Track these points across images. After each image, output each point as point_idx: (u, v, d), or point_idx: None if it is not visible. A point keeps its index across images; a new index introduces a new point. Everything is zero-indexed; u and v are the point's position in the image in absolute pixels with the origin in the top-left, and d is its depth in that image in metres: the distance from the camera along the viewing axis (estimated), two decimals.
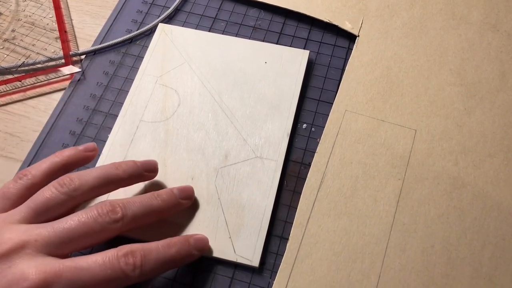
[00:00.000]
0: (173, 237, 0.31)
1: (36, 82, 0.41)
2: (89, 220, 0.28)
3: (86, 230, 0.28)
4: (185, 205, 0.33)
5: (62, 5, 0.45)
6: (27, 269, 0.25)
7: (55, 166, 0.31)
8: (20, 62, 0.42)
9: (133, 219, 0.29)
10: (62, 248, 0.27)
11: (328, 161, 0.36)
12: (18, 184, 0.30)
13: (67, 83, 0.41)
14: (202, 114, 0.38)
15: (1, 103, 0.40)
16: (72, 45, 0.43)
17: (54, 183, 0.29)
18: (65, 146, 0.38)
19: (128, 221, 0.29)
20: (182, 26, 0.43)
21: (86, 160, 0.33)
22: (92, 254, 0.27)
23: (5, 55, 0.42)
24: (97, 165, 0.36)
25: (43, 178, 0.31)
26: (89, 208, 0.29)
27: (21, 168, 0.37)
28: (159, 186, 0.35)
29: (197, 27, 0.44)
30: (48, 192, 0.29)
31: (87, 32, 0.44)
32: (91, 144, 0.34)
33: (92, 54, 0.42)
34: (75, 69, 0.41)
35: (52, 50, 0.42)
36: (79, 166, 0.33)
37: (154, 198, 0.31)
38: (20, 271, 0.25)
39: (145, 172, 0.33)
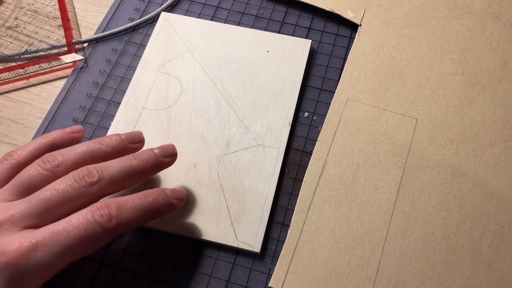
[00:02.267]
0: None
1: (39, 69, 0.41)
2: (65, 187, 0.28)
3: (63, 197, 0.27)
4: (168, 164, 0.32)
5: None
6: (3, 244, 0.26)
7: (41, 146, 0.31)
8: (23, 50, 0.42)
9: (112, 181, 0.29)
10: (40, 219, 0.27)
11: (329, 149, 0.36)
12: (4, 165, 0.30)
13: (69, 70, 0.41)
14: (205, 102, 0.38)
15: (4, 90, 0.40)
16: (74, 33, 0.43)
17: (37, 161, 0.29)
18: None
19: (106, 183, 0.29)
20: (185, 15, 0.43)
21: (73, 142, 0.33)
22: (67, 217, 0.27)
23: (8, 43, 0.42)
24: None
25: (29, 158, 0.30)
26: (67, 175, 0.28)
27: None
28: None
29: (200, 15, 0.44)
30: (32, 169, 0.29)
31: (89, 20, 0.44)
32: (77, 127, 0.34)
33: (94, 42, 0.42)
34: (77, 57, 0.41)
35: (55, 38, 0.43)
36: (65, 147, 0.32)
37: (133, 159, 0.30)
38: None
39: (130, 143, 0.32)
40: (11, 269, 0.25)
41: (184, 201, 0.32)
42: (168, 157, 0.32)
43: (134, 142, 0.33)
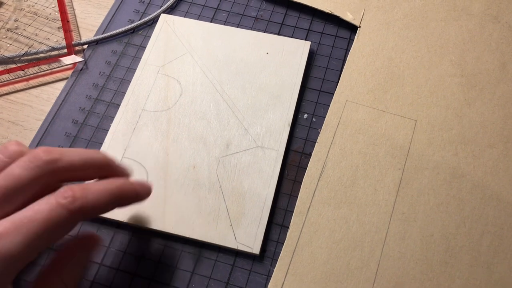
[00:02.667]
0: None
1: (38, 71, 0.41)
2: (18, 170, 0.25)
3: (16, 181, 0.25)
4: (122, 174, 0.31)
5: None
6: None
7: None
8: (23, 52, 0.42)
9: (71, 163, 0.27)
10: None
11: (328, 151, 0.36)
12: None
13: (69, 72, 0.41)
14: (204, 103, 0.38)
15: (4, 92, 0.40)
16: (74, 35, 0.43)
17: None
18: (67, 135, 0.38)
19: (64, 165, 0.26)
20: (184, 17, 0.44)
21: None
22: (30, 205, 0.25)
23: (8, 45, 0.42)
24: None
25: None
26: (21, 158, 0.26)
27: None
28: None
29: (199, 17, 0.44)
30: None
31: (89, 22, 0.44)
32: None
33: (94, 44, 0.43)
34: (77, 58, 0.41)
35: (55, 40, 0.43)
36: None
37: (98, 152, 0.29)
38: None
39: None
40: None
41: (150, 193, 0.31)
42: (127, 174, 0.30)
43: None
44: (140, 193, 0.30)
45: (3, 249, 0.24)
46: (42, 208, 0.25)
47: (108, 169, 0.29)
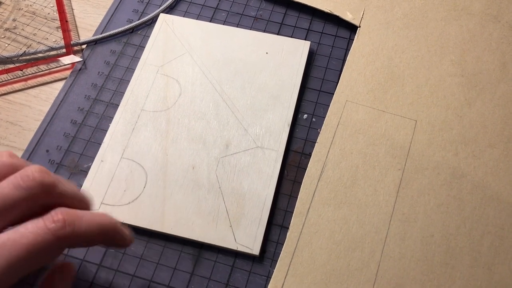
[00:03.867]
0: None
1: (37, 71, 0.41)
2: (9, 188, 0.24)
3: (6, 200, 0.24)
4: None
5: None
6: None
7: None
8: (21, 52, 0.42)
9: (64, 192, 0.26)
10: None
11: (328, 151, 0.36)
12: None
13: (68, 72, 0.41)
14: (203, 103, 0.38)
15: (3, 92, 0.40)
16: (73, 34, 0.43)
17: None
18: (66, 135, 0.38)
19: (59, 190, 0.25)
20: (183, 16, 0.43)
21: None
22: (16, 226, 0.24)
23: (6, 45, 0.42)
24: (98, 153, 0.36)
25: None
26: (13, 175, 0.25)
27: (22, 157, 0.37)
28: None
29: (198, 17, 0.44)
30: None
31: (88, 22, 0.44)
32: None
33: (93, 43, 0.42)
34: (76, 58, 0.41)
35: (53, 40, 0.42)
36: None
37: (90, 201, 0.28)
38: None
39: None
40: None
41: (129, 245, 0.29)
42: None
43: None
44: (126, 239, 0.29)
45: None
46: (28, 231, 0.23)
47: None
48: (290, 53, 0.40)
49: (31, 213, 0.25)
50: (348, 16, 0.42)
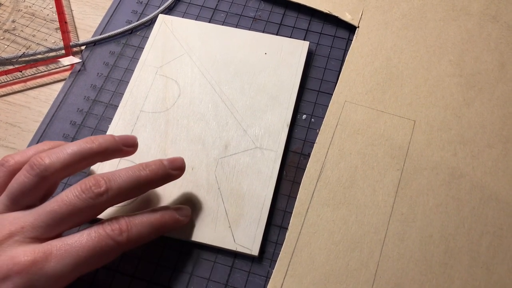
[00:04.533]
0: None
1: (36, 72, 0.41)
2: (72, 199, 0.28)
3: (71, 209, 0.27)
4: (176, 177, 0.32)
5: None
6: (16, 254, 0.26)
7: (38, 151, 0.31)
8: (20, 53, 0.42)
9: (119, 192, 0.29)
10: (49, 231, 0.27)
11: (327, 152, 0.36)
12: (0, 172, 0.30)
13: (67, 73, 0.41)
14: (202, 104, 0.38)
15: (2, 93, 0.40)
16: (72, 35, 0.43)
17: (26, 166, 0.29)
18: (65, 136, 0.38)
19: (113, 194, 0.28)
20: (182, 17, 0.43)
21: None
22: (80, 231, 0.28)
23: (6, 46, 0.42)
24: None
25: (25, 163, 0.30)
26: (74, 185, 0.28)
27: None
28: None
29: (197, 18, 0.44)
30: (21, 176, 0.28)
31: (87, 23, 0.44)
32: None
33: (92, 45, 0.42)
34: (75, 59, 0.41)
35: (53, 41, 0.43)
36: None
37: (142, 169, 0.30)
38: (9, 257, 0.26)
39: (123, 146, 0.32)
40: (23, 278, 0.25)
41: (190, 218, 0.33)
42: (176, 170, 0.32)
43: (128, 146, 0.32)
44: (180, 221, 0.32)
45: (51, 268, 0.26)
46: (92, 236, 0.27)
47: (152, 185, 0.31)
48: (289, 54, 0.40)
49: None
50: (347, 17, 0.42)
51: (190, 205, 0.34)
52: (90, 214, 0.28)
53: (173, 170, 0.32)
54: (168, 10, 0.44)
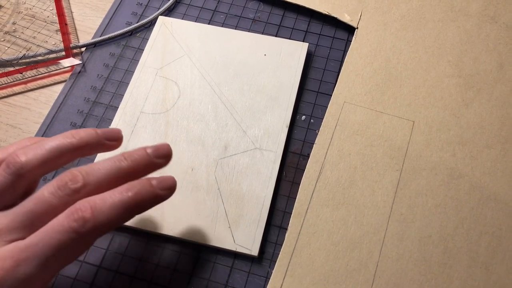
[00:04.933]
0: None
1: (37, 74, 0.41)
2: (48, 197, 0.26)
3: (47, 208, 0.26)
4: (162, 165, 0.30)
5: None
6: None
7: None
8: (21, 55, 0.42)
9: (98, 186, 0.27)
10: (26, 231, 0.26)
11: (326, 152, 0.36)
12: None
13: (67, 75, 0.41)
14: (202, 105, 0.38)
15: (3, 95, 0.40)
16: (72, 37, 0.43)
17: (3, 164, 0.27)
18: None
19: (92, 189, 0.27)
20: (182, 19, 0.44)
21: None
22: (44, 226, 0.26)
23: (6, 48, 0.42)
24: (97, 156, 0.36)
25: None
26: (51, 181, 0.27)
27: None
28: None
29: (197, 19, 0.44)
30: None
31: (87, 25, 0.44)
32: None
33: (92, 46, 0.43)
34: (75, 61, 0.41)
35: (53, 43, 0.43)
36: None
37: (123, 160, 0.28)
38: None
39: (106, 140, 0.30)
40: None
41: (174, 191, 0.29)
42: (162, 158, 0.29)
43: (110, 140, 0.30)
44: (161, 196, 0.28)
45: (21, 273, 0.24)
46: (54, 231, 0.25)
47: (135, 175, 0.29)
48: (288, 55, 0.41)
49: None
50: (346, 18, 0.42)
51: (190, 206, 0.34)
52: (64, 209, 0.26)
53: (157, 158, 0.29)
54: (168, 12, 0.44)
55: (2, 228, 0.26)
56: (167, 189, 0.29)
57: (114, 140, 0.30)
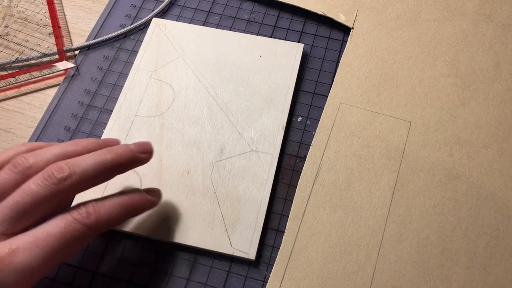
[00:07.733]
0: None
1: (30, 78, 0.41)
2: (34, 188, 0.26)
3: (33, 199, 0.26)
4: (144, 161, 0.31)
5: (55, 0, 0.45)
6: None
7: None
8: (13, 58, 0.41)
9: (84, 176, 0.28)
10: (15, 225, 0.26)
11: (323, 154, 0.36)
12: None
13: (61, 78, 0.41)
14: (197, 108, 0.38)
15: None
16: (65, 40, 0.43)
17: (9, 165, 0.28)
18: (60, 141, 0.38)
19: (78, 178, 0.27)
20: (176, 21, 0.43)
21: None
22: (46, 222, 0.27)
23: None
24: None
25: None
26: (36, 175, 0.27)
27: None
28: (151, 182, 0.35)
29: (191, 21, 0.43)
30: (3, 174, 0.27)
31: (80, 27, 0.44)
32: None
33: (86, 49, 0.42)
34: (69, 64, 0.41)
35: (46, 46, 0.42)
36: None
37: (107, 153, 0.29)
38: None
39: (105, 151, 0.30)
40: None
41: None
42: (144, 153, 0.31)
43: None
44: (151, 201, 0.31)
45: (20, 262, 0.25)
46: (58, 223, 0.26)
47: (118, 168, 0.30)
48: (284, 56, 0.40)
49: (58, 206, 0.28)
50: (341, 18, 0.42)
51: (186, 210, 0.34)
52: (55, 203, 0.27)
53: (140, 153, 0.31)
54: (162, 14, 0.44)
55: None
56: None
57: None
